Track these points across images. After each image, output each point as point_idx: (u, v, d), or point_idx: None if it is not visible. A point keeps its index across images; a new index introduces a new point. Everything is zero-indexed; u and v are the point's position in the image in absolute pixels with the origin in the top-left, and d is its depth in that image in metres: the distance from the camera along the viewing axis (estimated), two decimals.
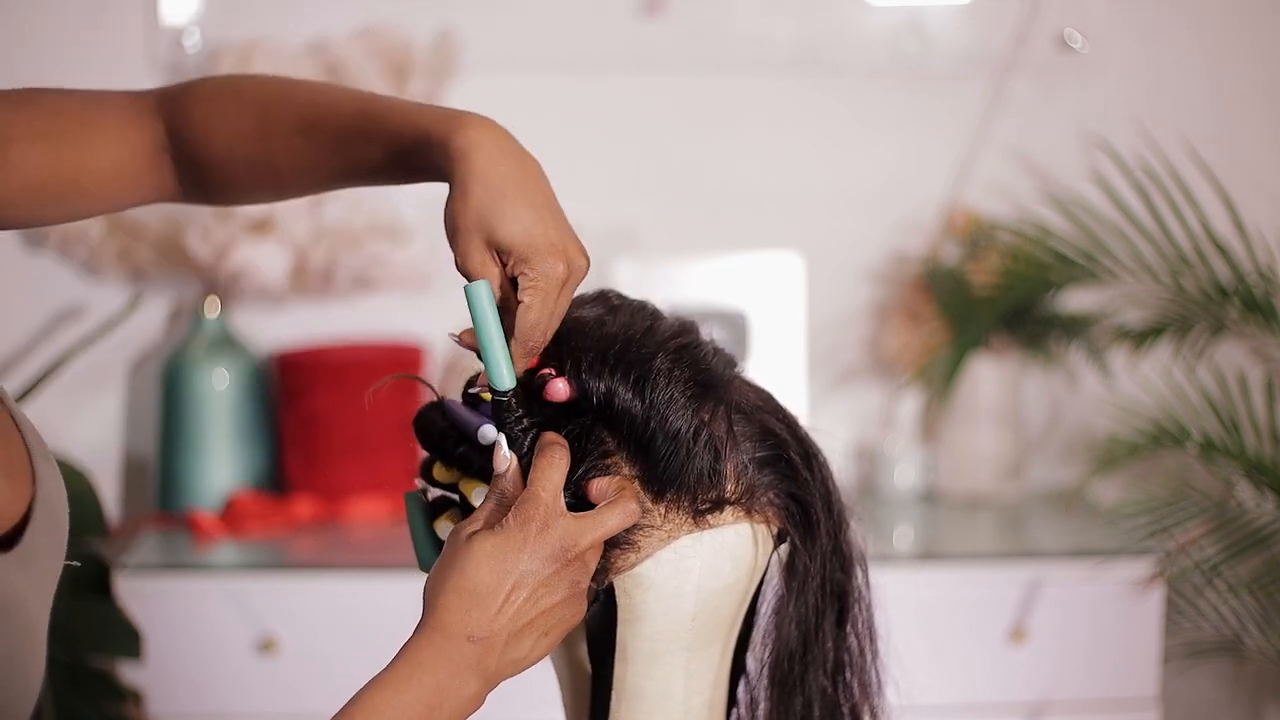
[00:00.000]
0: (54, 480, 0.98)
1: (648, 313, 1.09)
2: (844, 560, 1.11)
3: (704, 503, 1.04)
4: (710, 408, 1.05)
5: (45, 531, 0.95)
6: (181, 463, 2.54)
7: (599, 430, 1.04)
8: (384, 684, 0.97)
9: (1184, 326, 2.48)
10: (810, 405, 2.68)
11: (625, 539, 1.04)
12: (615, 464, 1.04)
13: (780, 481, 1.07)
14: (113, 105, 1.15)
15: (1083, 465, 2.67)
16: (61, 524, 0.99)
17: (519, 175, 1.06)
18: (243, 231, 2.46)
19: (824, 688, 1.10)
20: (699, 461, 1.03)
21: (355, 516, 2.54)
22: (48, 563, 0.96)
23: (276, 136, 1.12)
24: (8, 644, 0.89)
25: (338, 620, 2.29)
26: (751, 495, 1.06)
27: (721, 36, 2.67)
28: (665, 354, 1.04)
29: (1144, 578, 2.31)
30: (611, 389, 1.03)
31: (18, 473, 0.95)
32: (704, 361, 1.06)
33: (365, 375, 2.52)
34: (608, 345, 1.04)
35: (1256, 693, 2.77)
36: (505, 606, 0.98)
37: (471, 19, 2.62)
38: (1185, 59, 2.71)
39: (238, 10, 2.61)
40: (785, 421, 1.09)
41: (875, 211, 2.71)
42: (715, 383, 1.06)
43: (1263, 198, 2.65)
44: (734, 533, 1.06)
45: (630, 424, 1.03)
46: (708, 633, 1.08)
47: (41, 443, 0.99)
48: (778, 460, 1.07)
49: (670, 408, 1.03)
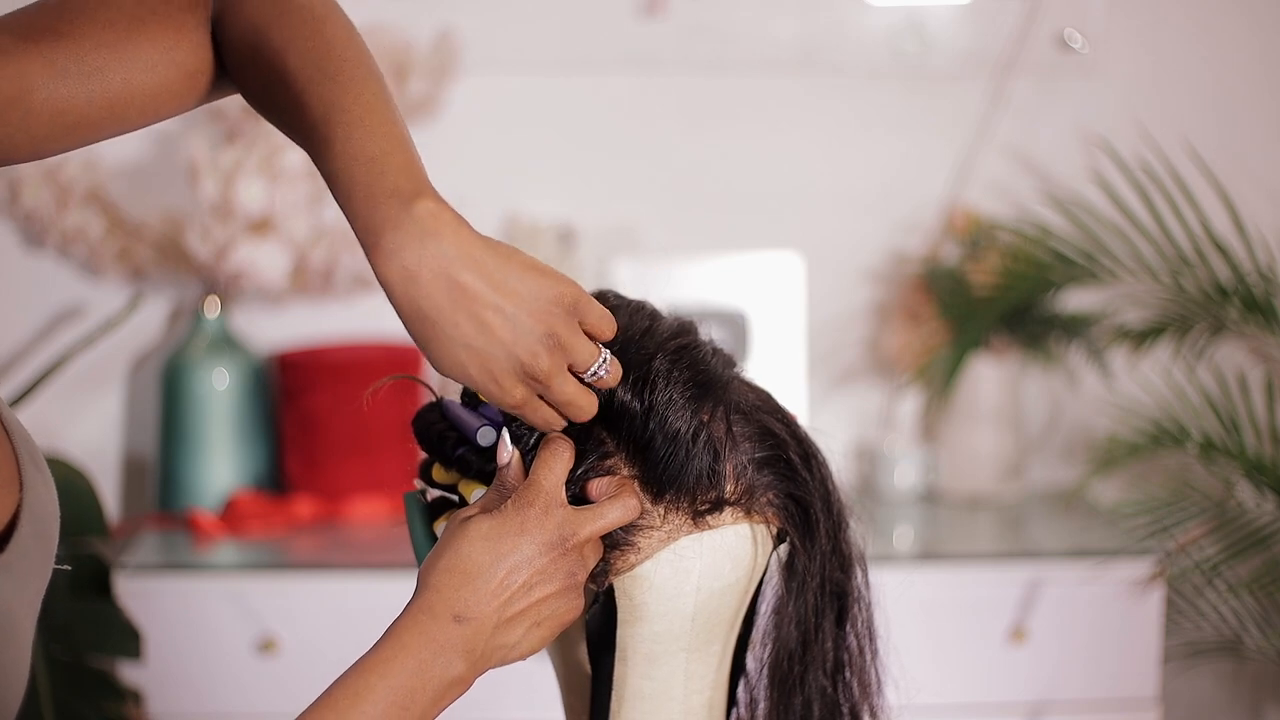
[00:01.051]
0: (43, 487, 0.96)
1: (646, 313, 1.09)
2: (843, 560, 1.11)
3: (703, 503, 1.04)
4: (709, 408, 1.05)
5: (32, 539, 0.94)
6: (181, 463, 2.54)
7: (598, 431, 1.04)
8: (367, 668, 0.96)
9: (1184, 326, 2.48)
10: (810, 405, 2.68)
11: (625, 539, 1.04)
12: (615, 465, 1.04)
13: (779, 482, 1.07)
14: (163, 14, 1.04)
15: (1083, 465, 2.67)
16: (50, 532, 0.97)
17: (443, 303, 0.93)
18: (243, 231, 2.46)
19: (824, 687, 1.10)
20: (698, 462, 1.03)
21: (355, 516, 2.54)
22: (34, 570, 0.94)
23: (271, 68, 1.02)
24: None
25: (338, 620, 2.29)
26: (751, 496, 1.06)
27: (721, 36, 2.67)
28: (664, 355, 1.04)
29: (1144, 578, 2.31)
30: (611, 390, 1.03)
31: (3, 481, 0.93)
32: (703, 362, 1.06)
33: (365, 375, 2.53)
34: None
35: (1256, 693, 2.77)
36: (498, 590, 0.97)
37: (471, 19, 2.62)
38: (1185, 59, 2.71)
39: None
40: (784, 422, 1.09)
41: (875, 211, 2.71)
42: (714, 383, 1.06)
43: (1263, 198, 2.65)
44: (733, 533, 1.06)
45: (629, 425, 1.03)
46: (707, 633, 1.08)
47: (33, 449, 0.97)
48: (777, 460, 1.07)
49: (669, 409, 1.03)
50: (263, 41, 1.01)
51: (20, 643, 0.93)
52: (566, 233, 2.66)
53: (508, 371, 0.95)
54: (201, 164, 2.43)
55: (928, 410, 2.71)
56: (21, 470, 0.95)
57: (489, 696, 2.31)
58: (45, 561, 0.96)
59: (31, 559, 0.94)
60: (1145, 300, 2.56)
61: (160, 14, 1.04)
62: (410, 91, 2.52)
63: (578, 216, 2.67)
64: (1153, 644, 2.34)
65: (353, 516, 2.54)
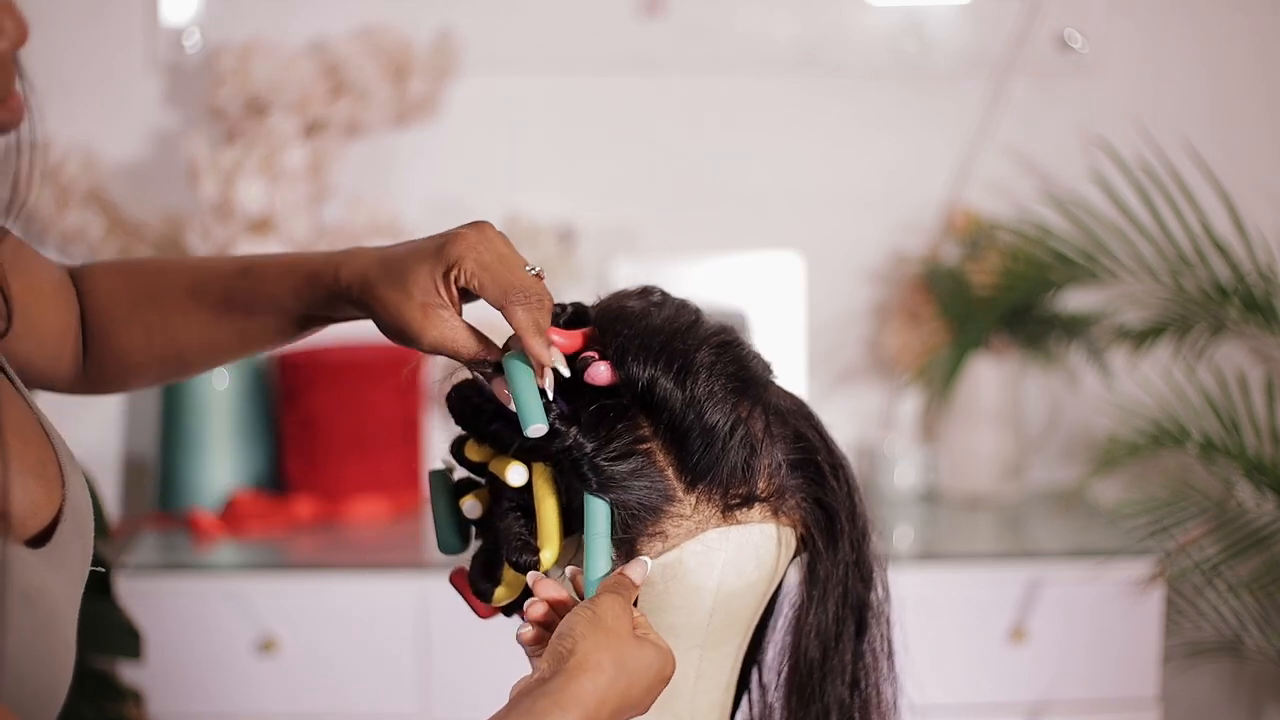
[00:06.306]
0: (80, 486, 1.00)
1: (691, 309, 1.11)
2: (865, 573, 1.11)
3: (734, 497, 1.05)
4: (748, 406, 1.06)
5: (74, 534, 0.97)
6: (181, 463, 2.54)
7: (637, 416, 1.04)
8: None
9: (1184, 326, 2.48)
10: (810, 405, 2.68)
11: (654, 527, 1.04)
12: (650, 450, 1.04)
13: (808, 486, 1.08)
14: (52, 270, 1.17)
15: (1083, 465, 2.67)
16: (88, 529, 1.00)
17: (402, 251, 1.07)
18: (243, 231, 2.46)
19: (842, 698, 1.10)
20: (734, 456, 1.04)
21: (355, 516, 2.54)
22: (76, 564, 0.97)
23: (170, 299, 1.15)
24: (31, 634, 0.89)
25: (338, 620, 2.29)
26: (781, 496, 1.07)
27: (721, 36, 2.67)
28: (709, 348, 1.06)
29: (1144, 578, 2.31)
30: (654, 377, 1.04)
31: (50, 476, 0.96)
32: (745, 360, 1.08)
33: (365, 376, 2.53)
34: (653, 335, 1.05)
35: (1256, 693, 2.77)
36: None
37: (471, 19, 2.62)
38: (1185, 59, 2.71)
39: (238, 10, 2.61)
40: (817, 430, 1.11)
41: (875, 211, 2.71)
42: (755, 382, 1.08)
43: (1263, 198, 2.65)
44: (760, 531, 1.06)
45: (669, 413, 1.04)
46: (722, 632, 1.08)
47: (68, 450, 1.00)
48: (809, 465, 1.08)
49: (710, 400, 1.04)
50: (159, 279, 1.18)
51: (66, 638, 0.94)
52: (566, 233, 2.66)
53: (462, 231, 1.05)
54: (201, 164, 2.43)
55: (928, 410, 2.71)
56: (63, 468, 0.98)
57: (489, 696, 2.32)
58: (84, 560, 0.99)
59: (72, 556, 0.97)
60: (1145, 300, 2.56)
61: (48, 273, 1.17)
62: (410, 91, 2.52)
63: (578, 216, 2.67)
64: (1153, 644, 2.34)
65: (353, 516, 2.54)
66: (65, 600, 0.95)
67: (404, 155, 2.62)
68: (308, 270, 1.10)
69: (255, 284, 1.13)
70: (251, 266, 1.14)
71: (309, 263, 1.11)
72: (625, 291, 1.12)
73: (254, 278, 1.13)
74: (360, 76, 2.49)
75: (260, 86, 2.45)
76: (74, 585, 0.98)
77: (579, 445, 1.03)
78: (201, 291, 1.15)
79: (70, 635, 0.96)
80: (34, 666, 0.90)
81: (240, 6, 2.62)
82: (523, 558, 1.04)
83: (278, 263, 1.13)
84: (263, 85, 2.45)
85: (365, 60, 2.50)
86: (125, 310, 1.17)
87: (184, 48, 2.60)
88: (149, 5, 2.60)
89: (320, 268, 1.10)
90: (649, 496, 1.04)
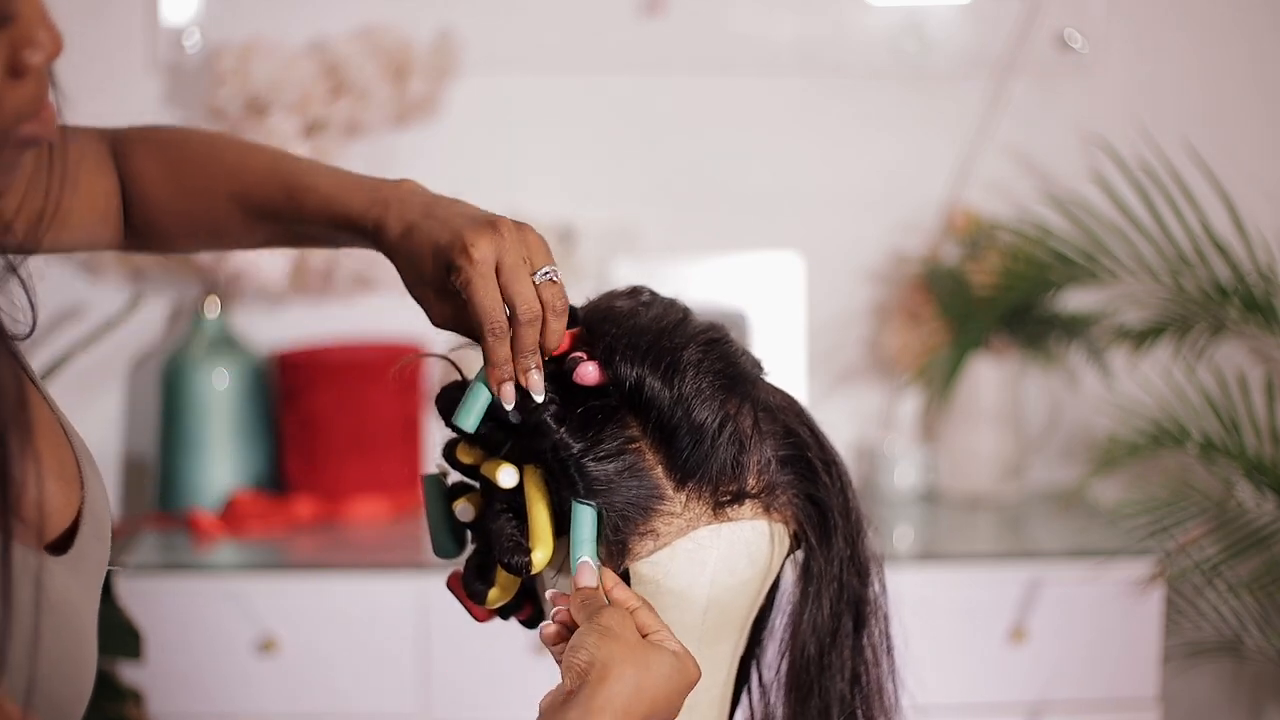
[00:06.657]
0: (99, 487, 1.00)
1: (679, 308, 1.11)
2: (861, 568, 1.11)
3: (725, 494, 1.05)
4: (736, 403, 1.06)
5: (93, 537, 0.96)
6: (181, 463, 2.54)
7: (626, 416, 1.05)
8: None
9: (1184, 326, 2.48)
10: (810, 405, 2.65)
11: (645, 526, 1.04)
12: (639, 449, 1.04)
13: (800, 482, 1.08)
14: (92, 143, 1.19)
15: (1083, 465, 2.67)
16: (106, 531, 0.99)
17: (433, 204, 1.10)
18: None
19: (842, 694, 1.10)
20: (723, 452, 1.04)
21: (355, 516, 2.54)
22: (95, 568, 0.97)
23: (217, 196, 1.18)
24: (63, 644, 0.89)
25: (338, 620, 2.29)
26: (772, 493, 1.07)
27: (721, 36, 2.67)
28: (696, 346, 1.06)
29: (1144, 578, 2.31)
30: (642, 376, 1.04)
31: (69, 478, 0.97)
32: (733, 357, 1.08)
33: (365, 375, 2.53)
34: (640, 334, 1.05)
35: (1256, 693, 2.77)
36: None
37: (471, 19, 2.62)
38: (1185, 59, 2.71)
39: (238, 10, 2.61)
40: (808, 426, 1.11)
41: (875, 211, 2.71)
42: (743, 379, 1.08)
43: (1263, 198, 2.65)
44: (751, 528, 1.06)
45: (657, 411, 1.04)
46: (717, 630, 1.08)
47: (87, 450, 1.01)
48: (799, 461, 1.08)
49: (697, 398, 1.04)
50: (204, 170, 1.19)
51: (88, 641, 0.95)
52: (566, 233, 2.66)
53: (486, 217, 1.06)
54: None
55: (928, 410, 2.71)
56: (82, 470, 0.98)
57: (490, 696, 2.32)
58: (102, 561, 0.99)
59: (92, 559, 0.96)
60: (1145, 300, 2.56)
61: (89, 141, 1.20)
62: (410, 91, 2.52)
63: (578, 216, 2.67)
64: (1153, 644, 2.34)
65: (353, 516, 2.54)
66: (87, 609, 0.95)
67: (404, 155, 2.62)
68: (345, 215, 1.12)
69: (296, 208, 1.15)
70: (294, 189, 1.15)
71: (350, 206, 1.12)
72: (614, 291, 1.12)
73: (296, 201, 1.15)
74: (360, 76, 2.49)
75: (260, 86, 2.45)
76: (94, 592, 0.97)
77: (566, 445, 1.03)
78: (243, 198, 1.17)
79: (92, 644, 0.96)
80: (59, 684, 0.89)
81: (240, 6, 2.62)
82: (515, 559, 1.04)
83: (319, 192, 1.14)
84: (263, 85, 2.45)
85: (365, 60, 2.50)
86: (165, 200, 1.20)
87: (184, 48, 2.60)
88: (149, 5, 2.60)
89: (360, 218, 1.11)
90: (639, 495, 1.03)
